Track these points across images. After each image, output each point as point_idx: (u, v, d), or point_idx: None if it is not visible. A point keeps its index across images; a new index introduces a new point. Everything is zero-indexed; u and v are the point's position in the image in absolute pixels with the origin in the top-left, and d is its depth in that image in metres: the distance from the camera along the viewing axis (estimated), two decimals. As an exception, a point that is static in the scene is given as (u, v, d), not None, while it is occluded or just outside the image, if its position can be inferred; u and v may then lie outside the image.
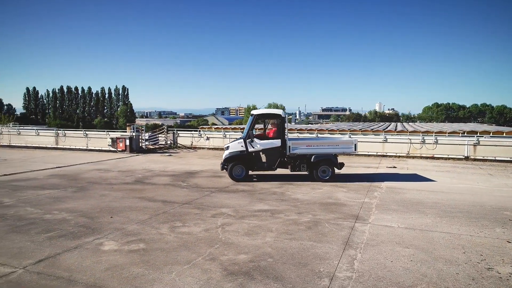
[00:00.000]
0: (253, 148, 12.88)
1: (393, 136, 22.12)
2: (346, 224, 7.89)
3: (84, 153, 22.83)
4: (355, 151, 13.16)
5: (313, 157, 12.85)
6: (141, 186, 12.22)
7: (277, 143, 12.95)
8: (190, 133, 27.00)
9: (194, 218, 8.32)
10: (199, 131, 27.17)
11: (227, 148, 13.25)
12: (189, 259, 5.90)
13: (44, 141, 26.19)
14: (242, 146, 12.88)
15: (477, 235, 7.15)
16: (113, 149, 23.03)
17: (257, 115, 13.45)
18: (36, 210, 8.99)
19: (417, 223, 7.97)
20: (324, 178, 12.88)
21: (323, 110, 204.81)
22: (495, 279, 5.22)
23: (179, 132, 26.64)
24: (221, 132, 26.71)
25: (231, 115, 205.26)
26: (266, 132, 14.00)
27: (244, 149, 12.87)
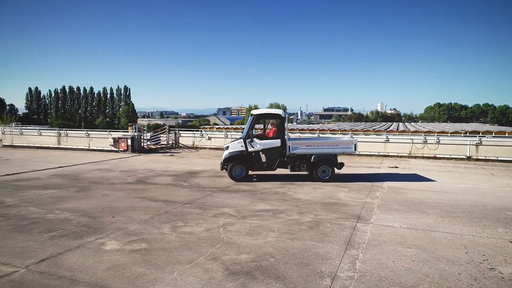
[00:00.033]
0: (253, 148, 12.88)
1: (395, 136, 22.02)
2: (348, 224, 7.88)
3: (86, 153, 22.89)
4: (355, 151, 13.16)
5: (313, 157, 12.85)
6: (143, 186, 12.24)
7: (277, 143, 12.95)
8: (191, 133, 27.01)
9: (195, 218, 8.33)
10: (201, 131, 27.16)
11: (227, 148, 13.27)
12: (191, 259, 5.91)
13: (46, 141, 26.25)
14: (242, 146, 12.88)
15: (479, 235, 7.13)
16: (115, 149, 23.08)
17: (257, 115, 13.45)
18: (38, 209, 9.02)
19: (419, 223, 7.96)
20: (324, 178, 12.88)
21: (325, 110, 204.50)
22: (498, 279, 5.21)
23: (180, 132, 26.67)
24: (222, 132, 26.72)
25: (232, 115, 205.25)
26: (266, 132, 14.01)
27: (244, 149, 12.87)
